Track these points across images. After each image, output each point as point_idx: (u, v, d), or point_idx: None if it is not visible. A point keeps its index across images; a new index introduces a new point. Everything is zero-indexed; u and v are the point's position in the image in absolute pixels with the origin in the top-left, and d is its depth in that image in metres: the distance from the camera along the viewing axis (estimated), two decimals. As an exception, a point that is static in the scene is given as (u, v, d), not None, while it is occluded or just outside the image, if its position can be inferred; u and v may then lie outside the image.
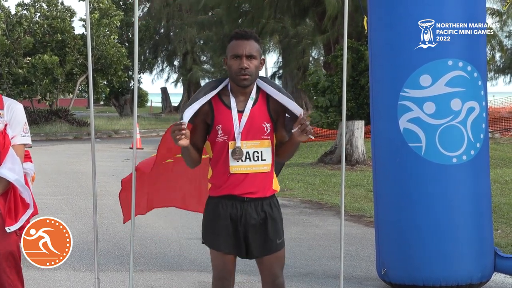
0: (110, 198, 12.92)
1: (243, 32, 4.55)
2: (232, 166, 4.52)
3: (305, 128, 4.40)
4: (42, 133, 29.94)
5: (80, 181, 15.46)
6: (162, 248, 8.98)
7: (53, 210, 11.61)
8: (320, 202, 12.71)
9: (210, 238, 4.65)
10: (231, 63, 4.52)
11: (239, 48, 4.49)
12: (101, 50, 33.99)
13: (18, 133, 4.87)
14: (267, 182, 4.61)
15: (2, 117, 4.83)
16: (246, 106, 4.56)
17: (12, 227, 4.80)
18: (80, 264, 8.09)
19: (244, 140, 4.52)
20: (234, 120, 4.54)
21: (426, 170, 6.67)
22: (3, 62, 31.37)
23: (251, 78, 4.52)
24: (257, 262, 4.72)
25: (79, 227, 10.27)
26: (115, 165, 18.79)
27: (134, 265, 5.75)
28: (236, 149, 4.51)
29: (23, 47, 32.42)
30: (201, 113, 4.61)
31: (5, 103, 4.89)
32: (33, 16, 34.06)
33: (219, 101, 4.60)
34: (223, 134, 4.55)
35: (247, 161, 4.52)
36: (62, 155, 22.26)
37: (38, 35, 33.22)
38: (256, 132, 4.55)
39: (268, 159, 4.58)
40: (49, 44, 33.34)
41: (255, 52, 4.51)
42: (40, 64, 31.90)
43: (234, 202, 4.55)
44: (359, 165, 17.38)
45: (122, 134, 32.30)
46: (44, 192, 13.23)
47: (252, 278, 7.18)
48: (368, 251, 8.66)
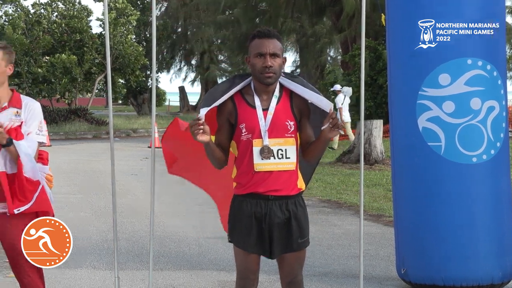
0: (130, 197, 12.98)
1: (266, 30, 4.55)
2: (256, 164, 4.52)
3: (336, 123, 4.39)
4: (62, 132, 30.07)
5: (99, 180, 15.51)
6: (182, 247, 9.00)
7: (73, 209, 11.66)
8: (338, 202, 12.70)
9: (235, 236, 4.65)
10: (255, 62, 4.52)
11: (262, 46, 4.49)
12: (119, 50, 34.11)
13: (33, 130, 4.86)
14: (292, 180, 4.60)
15: (19, 115, 4.84)
16: (271, 104, 4.56)
17: (22, 208, 4.79)
18: (100, 263, 8.13)
19: (268, 138, 4.53)
20: (259, 119, 4.54)
21: (445, 169, 6.65)
22: (22, 61, 31.50)
23: (275, 76, 4.53)
24: (277, 260, 4.72)
25: (99, 225, 10.31)
26: (133, 164, 18.85)
27: (154, 263, 5.76)
28: (264, 147, 4.51)
29: (42, 47, 32.57)
30: (225, 113, 4.61)
31: (23, 102, 4.91)
32: (51, 15, 34.19)
33: (242, 100, 4.61)
34: (247, 132, 4.55)
35: (272, 159, 4.52)
36: (81, 154, 22.34)
37: (56, 35, 33.35)
38: (280, 130, 4.54)
39: (293, 157, 4.58)
40: (68, 43, 33.48)
41: (278, 50, 4.52)
42: (59, 63, 32.04)
43: (258, 200, 4.55)
44: (378, 165, 17.35)
45: (140, 133, 32.37)
46: (63, 191, 13.29)
47: (271, 277, 7.19)
48: (388, 250, 8.65)
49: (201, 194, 6.03)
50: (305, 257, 4.76)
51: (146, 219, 10.45)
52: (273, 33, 4.55)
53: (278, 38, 4.56)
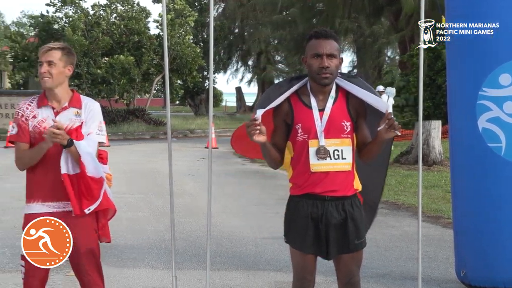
0: (187, 197, 13.05)
1: (323, 31, 4.54)
2: (312, 165, 4.51)
3: (392, 124, 4.35)
4: (120, 132, 30.42)
5: (157, 180, 15.63)
6: (238, 247, 9.02)
7: (131, 209, 11.78)
8: (396, 203, 12.59)
9: (291, 237, 4.64)
10: (312, 62, 4.51)
11: (319, 47, 4.48)
12: (176, 51, 34.35)
13: (93, 130, 4.90)
14: (348, 181, 4.58)
15: (80, 115, 4.89)
16: (327, 105, 4.55)
17: (91, 206, 4.84)
18: (158, 262, 8.19)
19: (324, 139, 4.51)
20: (315, 120, 4.53)
21: (506, 170, 6.54)
22: (82, 62, 31.94)
23: (332, 77, 4.51)
24: (334, 260, 4.70)
25: (157, 225, 10.40)
26: (191, 164, 18.94)
27: (211, 263, 5.77)
28: (320, 148, 4.50)
29: (101, 48, 32.98)
30: (281, 113, 4.62)
31: (83, 102, 4.96)
32: (110, 16, 34.60)
33: (298, 100, 4.60)
34: (303, 133, 4.54)
35: (328, 159, 4.50)
36: (139, 154, 22.56)
37: (115, 36, 33.74)
38: (336, 130, 4.53)
39: (349, 158, 4.55)
40: (126, 44, 33.84)
41: (335, 51, 4.50)
42: (118, 64, 32.41)
43: (315, 201, 4.54)
44: (436, 166, 17.16)
45: (197, 134, 32.58)
46: (122, 190, 13.42)
47: (328, 278, 7.16)
48: (447, 252, 8.54)
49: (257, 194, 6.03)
50: (362, 258, 4.73)
51: (203, 219, 10.50)
52: (330, 33, 4.54)
53: (335, 38, 4.54)
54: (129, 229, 10.08)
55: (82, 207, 4.78)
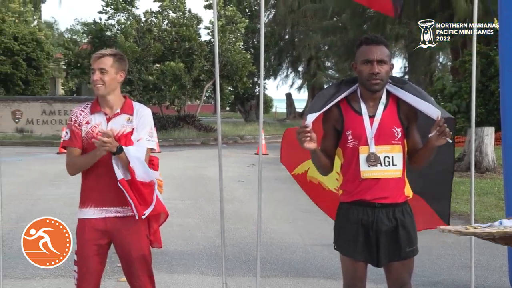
0: (237, 204, 13.07)
1: (373, 37, 4.51)
2: (363, 171, 4.48)
3: (444, 131, 4.30)
4: (171, 139, 30.60)
5: (207, 186, 15.70)
6: (288, 254, 9.00)
7: (182, 215, 11.84)
8: (448, 210, 12.43)
9: (341, 244, 4.62)
10: (362, 68, 4.48)
11: (370, 53, 4.45)
12: (227, 57, 34.47)
13: (144, 136, 4.93)
14: (399, 188, 4.54)
15: (131, 121, 4.92)
16: (377, 111, 4.52)
17: (146, 211, 4.86)
18: (208, 269, 8.21)
19: (375, 145, 4.48)
20: (366, 126, 4.50)
21: (561, 178, 6.42)
22: (134, 69, 32.21)
23: (382, 83, 4.48)
24: (385, 268, 4.66)
25: (207, 231, 10.43)
26: (241, 170, 18.99)
27: (261, 270, 5.78)
28: (370, 154, 4.47)
29: (153, 54, 33.24)
30: (331, 119, 4.60)
31: (134, 108, 5.00)
32: (162, 23, 34.86)
33: (348, 107, 4.58)
34: (353, 139, 4.52)
35: (378, 166, 4.47)
36: (189, 160, 22.67)
37: (167, 42, 33.98)
38: (387, 137, 4.49)
39: (399, 165, 4.51)
40: (177, 51, 34.05)
41: (386, 57, 4.47)
42: (169, 71, 32.62)
43: (365, 208, 4.51)
44: (489, 173, 16.92)
45: (247, 140, 32.61)
46: (173, 196, 13.50)
47: (379, 286, 7.10)
48: (500, 261, 8.41)
49: (307, 200, 6.02)
50: (414, 266, 4.68)
51: (252, 225, 10.51)
52: (381, 39, 4.51)
53: (385, 44, 4.51)
54: (179, 235, 10.13)
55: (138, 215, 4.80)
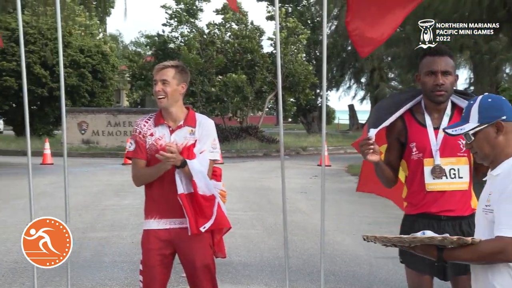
0: (299, 215, 13.05)
1: (438, 48, 4.48)
2: (428, 184, 4.44)
3: None
4: (233, 150, 30.72)
5: (270, 198, 15.70)
6: (352, 266, 8.95)
7: (245, 226, 11.87)
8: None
9: (407, 257, 4.57)
10: (426, 80, 4.45)
11: (434, 64, 4.42)
12: (289, 68, 34.49)
13: (207, 148, 4.96)
14: (465, 200, 4.49)
15: (194, 133, 4.95)
16: (442, 123, 4.47)
17: (206, 224, 4.89)
18: (272, 280, 8.22)
19: (440, 157, 4.43)
20: (430, 138, 4.46)
21: None
22: (197, 81, 32.46)
23: (447, 94, 4.44)
24: (451, 281, 4.59)
25: (270, 243, 10.44)
26: (303, 182, 18.95)
27: (325, 282, 5.75)
28: (435, 167, 4.43)
29: (216, 66, 33.47)
30: (395, 131, 4.57)
31: (197, 120, 5.03)
32: (224, 35, 35.09)
33: (412, 118, 4.55)
34: (417, 151, 4.48)
35: (444, 178, 4.43)
36: (252, 171, 22.72)
37: (229, 54, 34.18)
38: (452, 149, 4.44)
39: (466, 177, 4.46)
40: (240, 63, 34.23)
41: (450, 68, 4.43)
42: (231, 83, 32.79)
43: (430, 220, 4.46)
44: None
45: (310, 151, 32.53)
46: (236, 207, 13.55)
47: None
48: None
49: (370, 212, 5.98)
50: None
51: (315, 237, 10.47)
52: (445, 50, 4.47)
53: (449, 55, 4.47)
54: (243, 246, 10.16)
55: (198, 226, 4.84)
